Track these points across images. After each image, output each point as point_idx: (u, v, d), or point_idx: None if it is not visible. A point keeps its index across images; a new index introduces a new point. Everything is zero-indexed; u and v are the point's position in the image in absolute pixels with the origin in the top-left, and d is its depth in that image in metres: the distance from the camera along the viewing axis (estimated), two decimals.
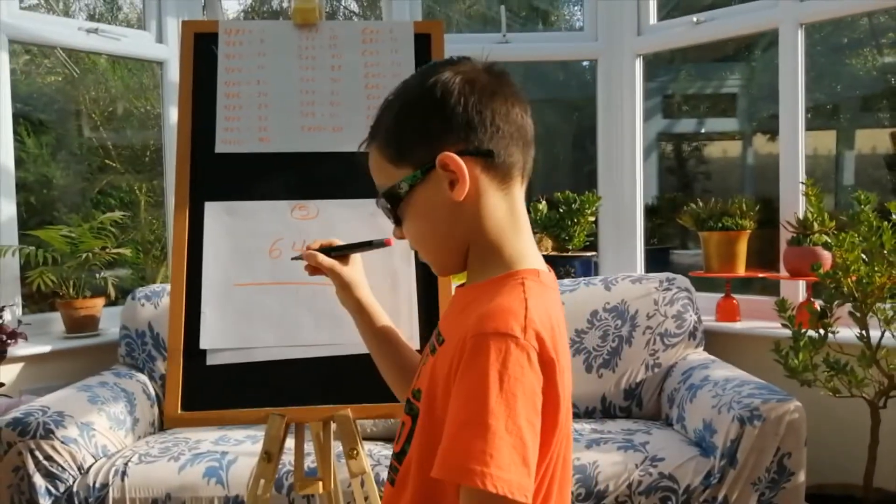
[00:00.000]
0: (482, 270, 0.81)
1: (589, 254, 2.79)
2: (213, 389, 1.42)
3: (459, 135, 0.78)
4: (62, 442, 1.87)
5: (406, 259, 1.48)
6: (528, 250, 0.82)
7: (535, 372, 0.69)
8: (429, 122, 0.79)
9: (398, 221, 0.85)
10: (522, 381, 0.68)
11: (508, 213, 0.81)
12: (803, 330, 1.97)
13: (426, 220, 0.82)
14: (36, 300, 2.63)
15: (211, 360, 1.43)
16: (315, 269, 1.06)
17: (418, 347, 1.32)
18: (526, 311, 0.72)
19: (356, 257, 1.09)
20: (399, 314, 1.42)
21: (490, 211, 0.80)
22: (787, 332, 1.99)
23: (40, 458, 1.84)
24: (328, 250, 1.06)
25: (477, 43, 3.01)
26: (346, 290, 1.05)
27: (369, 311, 1.05)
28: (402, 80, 0.85)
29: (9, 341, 2.15)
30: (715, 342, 2.49)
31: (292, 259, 1.17)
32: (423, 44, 1.61)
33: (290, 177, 1.51)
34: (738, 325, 2.54)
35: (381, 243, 1.05)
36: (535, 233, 2.88)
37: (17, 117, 2.50)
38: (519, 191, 0.82)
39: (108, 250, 2.55)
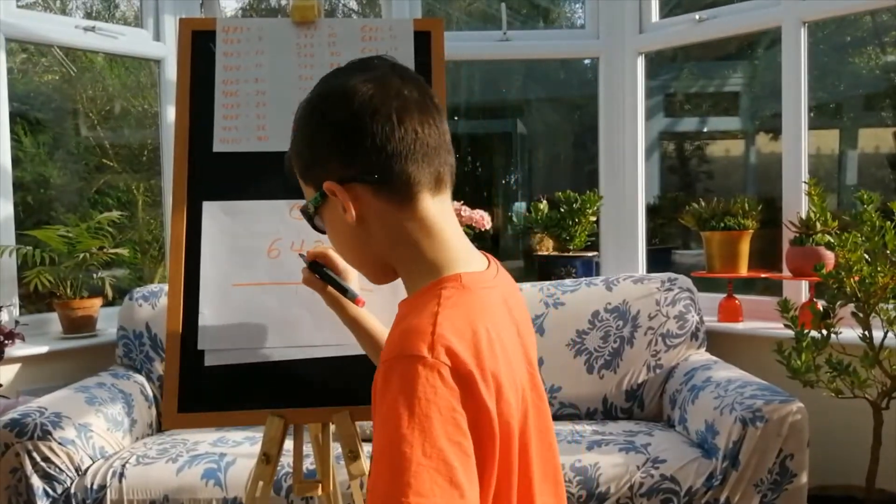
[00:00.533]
0: (410, 284, 0.81)
1: (590, 254, 2.78)
2: (212, 390, 1.40)
3: (343, 160, 0.77)
4: (60, 443, 1.85)
5: None
6: (448, 257, 0.79)
7: (450, 389, 0.66)
8: (317, 148, 0.79)
9: (322, 232, 0.86)
10: (436, 401, 0.65)
11: (418, 226, 0.78)
12: (806, 330, 1.96)
13: (337, 238, 0.84)
14: (33, 300, 2.62)
15: (209, 361, 1.42)
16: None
17: None
18: (434, 326, 0.69)
19: (352, 271, 1.11)
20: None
21: (393, 229, 0.79)
22: (790, 333, 1.98)
23: (38, 459, 1.83)
24: (316, 265, 1.11)
25: (477, 41, 3.00)
26: (335, 306, 1.10)
27: (362, 322, 1.09)
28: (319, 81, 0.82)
29: (6, 342, 2.14)
30: (717, 343, 2.48)
31: (299, 255, 1.20)
32: (423, 42, 1.59)
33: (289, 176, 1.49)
34: (741, 326, 2.53)
35: (353, 298, 1.08)
36: (535, 233, 2.89)
37: (14, 116, 2.48)
38: (430, 202, 0.79)
39: (105, 250, 2.53)
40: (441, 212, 0.80)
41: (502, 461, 0.71)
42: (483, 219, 2.75)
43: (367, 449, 1.96)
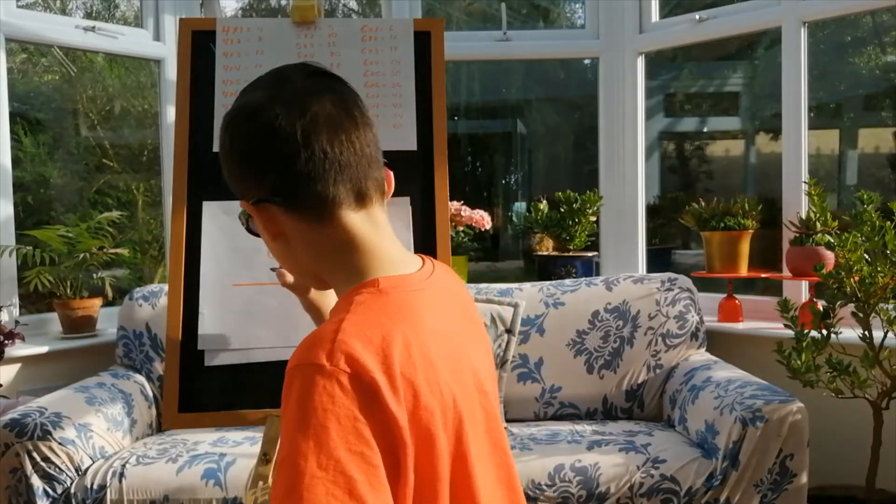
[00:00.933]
0: (338, 293, 0.81)
1: (590, 254, 2.78)
2: (212, 390, 1.40)
3: (254, 182, 0.78)
4: (60, 443, 1.85)
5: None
6: (370, 264, 0.78)
7: (350, 398, 0.64)
8: (230, 169, 0.80)
9: (258, 235, 0.86)
10: (334, 410, 0.63)
11: (338, 241, 0.78)
12: (806, 330, 1.95)
13: (270, 249, 0.84)
14: (33, 300, 2.61)
15: (209, 361, 1.42)
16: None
17: None
18: (337, 333, 0.67)
19: None
20: None
21: (313, 245, 0.79)
22: (790, 333, 1.98)
23: (38, 459, 1.82)
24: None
25: (477, 41, 3.00)
26: (311, 311, 1.09)
27: None
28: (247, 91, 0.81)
29: (6, 342, 2.14)
30: (717, 343, 2.48)
31: (271, 269, 1.18)
32: (423, 42, 1.59)
33: None
34: (741, 326, 2.53)
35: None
36: (535, 233, 2.89)
37: (14, 116, 2.48)
38: (351, 217, 0.78)
39: (105, 250, 2.53)
40: (366, 224, 0.79)
41: (424, 470, 0.69)
42: (483, 219, 2.75)
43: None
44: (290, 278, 1.07)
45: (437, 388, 0.70)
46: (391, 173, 0.85)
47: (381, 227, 0.80)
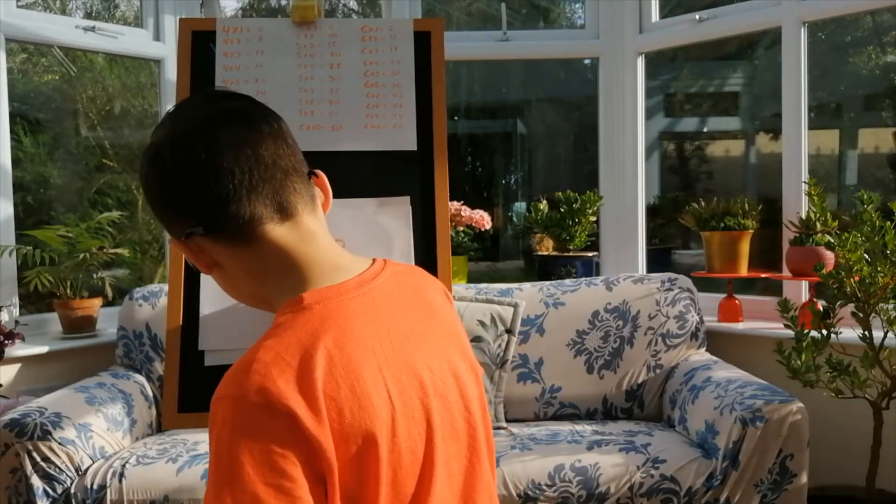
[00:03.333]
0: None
1: (590, 254, 2.78)
2: (212, 390, 1.40)
3: (175, 217, 0.77)
4: (60, 443, 1.85)
5: (407, 256, 1.46)
6: (300, 280, 0.76)
7: (264, 429, 0.63)
8: (156, 210, 0.79)
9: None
10: (248, 444, 0.63)
11: (269, 260, 0.76)
12: (806, 330, 1.95)
13: (215, 279, 0.83)
14: (33, 300, 2.61)
15: (209, 361, 1.42)
16: None
17: None
18: (252, 363, 0.67)
19: None
20: None
21: (246, 270, 0.77)
22: (790, 333, 1.98)
23: (38, 459, 1.82)
24: None
25: (477, 41, 3.00)
26: None
27: None
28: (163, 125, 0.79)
29: (6, 342, 2.14)
30: (717, 343, 2.48)
31: None
32: (423, 42, 1.59)
33: None
34: (741, 326, 2.53)
35: None
36: (535, 233, 2.89)
37: (14, 116, 2.48)
38: (278, 231, 0.76)
39: (105, 250, 2.53)
40: (295, 237, 0.77)
41: (359, 483, 0.67)
42: (483, 219, 2.75)
43: None
44: None
45: (367, 400, 0.68)
46: (324, 178, 0.83)
47: (312, 237, 0.78)
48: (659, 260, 3.35)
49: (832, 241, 1.95)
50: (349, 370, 0.69)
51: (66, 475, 1.86)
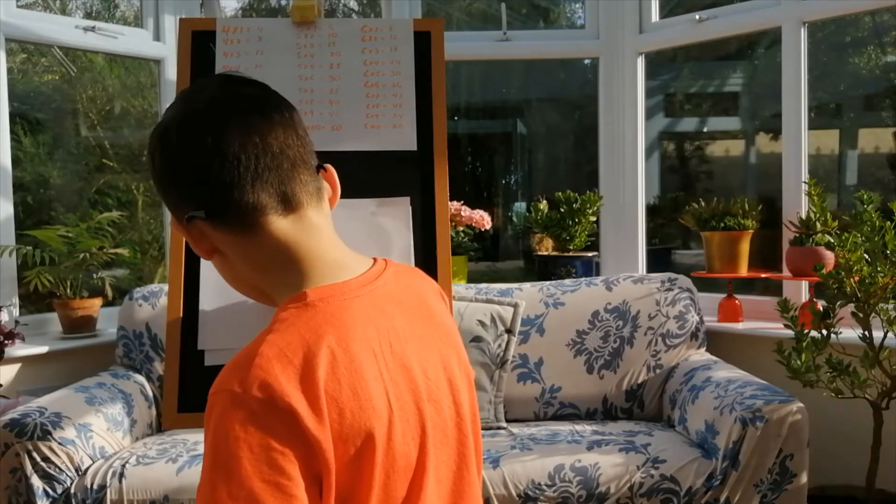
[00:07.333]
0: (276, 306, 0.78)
1: (590, 254, 2.78)
2: None
3: (179, 200, 0.76)
4: (60, 443, 1.85)
5: (406, 257, 1.46)
6: (303, 275, 0.75)
7: (263, 426, 0.62)
8: (160, 189, 0.78)
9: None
10: (247, 440, 0.62)
11: (270, 251, 0.75)
12: (806, 331, 1.95)
13: (215, 265, 0.81)
14: (33, 300, 2.61)
15: (209, 361, 1.42)
16: None
17: None
18: (254, 357, 0.66)
19: None
20: None
21: (247, 258, 0.76)
22: (790, 333, 1.98)
23: (38, 459, 1.82)
24: None
25: (477, 41, 3.00)
26: None
27: None
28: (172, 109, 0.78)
29: (6, 342, 2.14)
30: (717, 343, 2.48)
31: None
32: (424, 42, 1.59)
33: None
34: (741, 326, 2.53)
35: None
36: (535, 233, 2.89)
37: (13, 116, 2.48)
38: (281, 223, 0.75)
39: (105, 250, 2.53)
40: (299, 230, 0.75)
41: (358, 488, 0.67)
42: (483, 219, 2.75)
43: None
44: None
45: (367, 402, 0.68)
46: (333, 172, 0.82)
47: (316, 231, 0.76)
48: (659, 260, 3.36)
49: (832, 241, 1.95)
50: (351, 371, 0.68)
51: (66, 475, 1.86)
